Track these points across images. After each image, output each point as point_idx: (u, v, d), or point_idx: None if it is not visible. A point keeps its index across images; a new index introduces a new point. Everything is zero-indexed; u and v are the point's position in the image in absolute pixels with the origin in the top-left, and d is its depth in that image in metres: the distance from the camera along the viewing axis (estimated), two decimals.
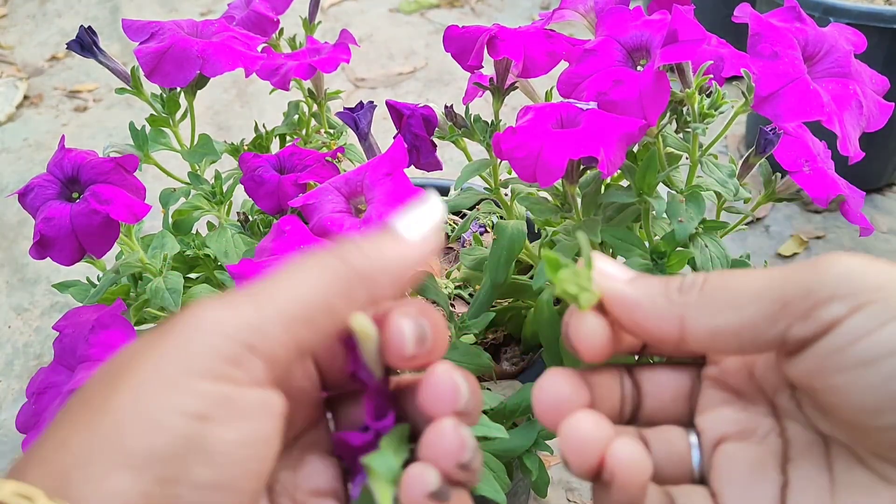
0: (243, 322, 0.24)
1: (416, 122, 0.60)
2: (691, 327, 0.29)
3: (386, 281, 0.28)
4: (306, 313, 0.26)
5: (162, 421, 0.23)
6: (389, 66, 1.81)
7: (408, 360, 0.28)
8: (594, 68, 0.56)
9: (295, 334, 0.25)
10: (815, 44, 0.56)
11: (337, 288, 0.26)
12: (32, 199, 0.60)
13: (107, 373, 0.25)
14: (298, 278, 0.26)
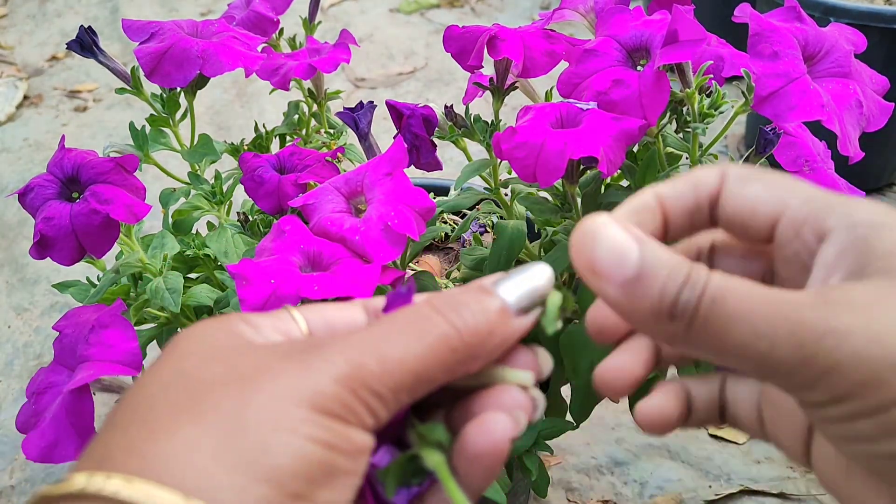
0: (364, 373, 0.26)
1: (416, 122, 0.60)
2: (694, 353, 0.28)
3: (486, 355, 0.29)
4: (413, 382, 0.27)
5: (303, 446, 0.24)
6: (389, 66, 1.81)
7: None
8: (594, 68, 0.56)
9: (397, 397, 0.27)
10: (815, 44, 0.56)
11: (444, 362, 0.27)
12: (32, 199, 0.60)
13: (225, 374, 0.26)
14: (412, 339, 0.27)
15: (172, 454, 0.23)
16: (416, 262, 0.83)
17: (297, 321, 0.31)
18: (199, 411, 0.25)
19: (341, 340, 0.27)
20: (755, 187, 0.30)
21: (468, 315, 0.28)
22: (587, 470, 0.93)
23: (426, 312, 0.28)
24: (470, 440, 0.28)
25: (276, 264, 0.50)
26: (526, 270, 0.30)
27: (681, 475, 0.92)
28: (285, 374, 0.25)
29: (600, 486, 0.91)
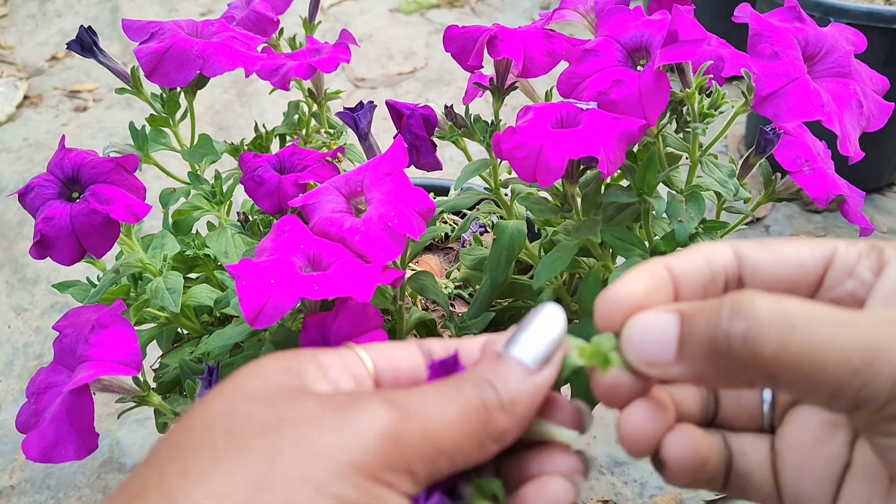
0: (408, 433, 0.26)
1: (416, 122, 0.60)
2: (762, 385, 0.28)
3: (520, 424, 0.29)
4: (447, 452, 0.27)
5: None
6: (389, 66, 1.81)
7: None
8: (594, 68, 0.56)
9: (432, 466, 0.27)
10: (815, 44, 0.56)
11: (475, 435, 0.27)
12: (32, 198, 0.60)
13: (269, 419, 0.26)
14: (448, 409, 0.27)
15: (202, 498, 0.24)
16: (416, 262, 0.83)
17: (363, 360, 0.31)
18: (236, 456, 0.25)
19: (392, 398, 0.27)
20: (790, 248, 0.31)
21: (489, 391, 0.28)
22: None
23: (463, 385, 0.28)
24: (531, 500, 0.29)
25: (275, 264, 0.50)
26: (535, 319, 0.30)
27: None
28: (328, 427, 0.25)
29: (600, 485, 0.91)
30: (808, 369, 0.25)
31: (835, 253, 0.30)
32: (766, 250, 0.31)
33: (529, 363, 0.29)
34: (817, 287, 0.30)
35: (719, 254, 0.31)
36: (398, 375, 0.32)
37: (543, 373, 0.29)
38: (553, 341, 0.30)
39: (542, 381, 0.29)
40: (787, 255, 0.30)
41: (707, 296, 0.31)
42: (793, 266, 0.30)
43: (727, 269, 0.31)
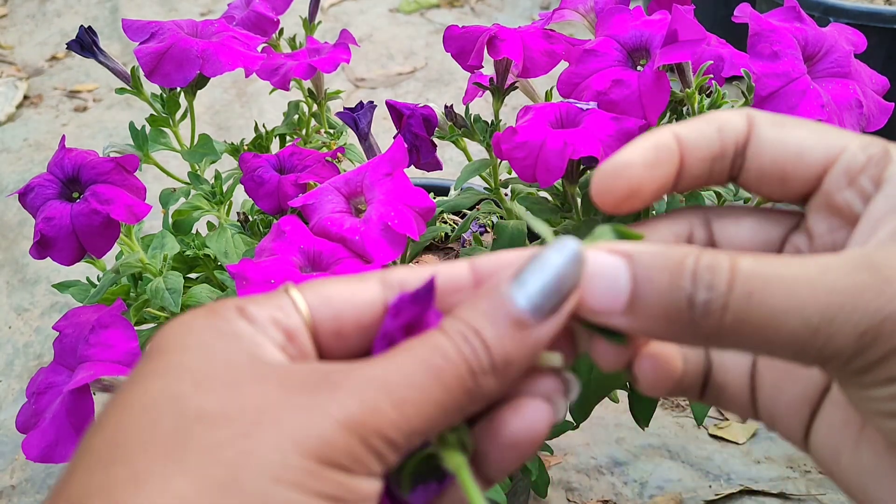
0: (378, 419, 0.23)
1: (416, 122, 0.60)
2: (719, 348, 0.26)
3: (502, 387, 0.25)
4: (429, 427, 0.24)
5: (306, 502, 0.22)
6: (389, 66, 1.81)
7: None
8: (594, 68, 0.56)
9: (409, 442, 0.24)
10: (815, 44, 0.56)
11: (456, 405, 0.24)
12: (33, 198, 0.60)
13: (224, 408, 0.23)
14: (429, 380, 0.24)
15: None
16: (416, 262, 0.83)
17: (298, 308, 0.27)
18: (193, 455, 0.22)
19: (355, 376, 0.24)
20: (799, 132, 0.27)
21: (478, 348, 0.24)
22: (587, 470, 0.93)
23: (443, 345, 0.24)
24: (507, 427, 0.25)
25: (276, 264, 0.50)
26: (551, 256, 0.25)
27: (681, 475, 0.92)
28: (290, 417, 0.23)
29: (600, 486, 0.91)
30: (769, 334, 0.23)
31: (842, 151, 0.26)
32: (777, 129, 0.27)
33: (533, 312, 0.25)
34: (815, 186, 0.27)
35: (733, 123, 0.28)
36: (341, 322, 0.27)
37: (547, 326, 0.25)
38: (567, 287, 0.25)
39: (543, 338, 0.25)
40: (793, 141, 0.27)
41: (713, 172, 0.28)
42: (792, 154, 0.27)
43: (738, 141, 0.28)
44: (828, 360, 0.24)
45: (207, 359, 0.24)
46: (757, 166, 0.28)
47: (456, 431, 0.26)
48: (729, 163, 0.28)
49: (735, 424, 0.97)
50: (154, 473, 0.21)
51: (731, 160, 0.28)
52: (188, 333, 0.25)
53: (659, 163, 0.27)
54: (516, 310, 0.24)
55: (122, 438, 0.22)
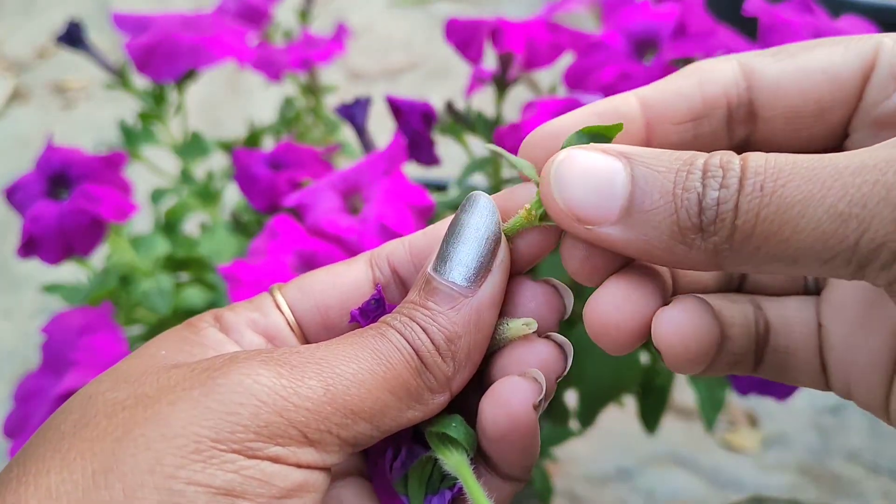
0: (301, 403, 0.21)
1: (414, 117, 0.58)
2: (732, 269, 0.21)
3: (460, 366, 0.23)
4: (366, 415, 0.22)
5: (183, 493, 0.19)
6: (388, 59, 1.80)
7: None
8: (600, 61, 0.54)
9: (353, 428, 0.21)
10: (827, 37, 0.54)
11: (405, 389, 0.22)
12: (19, 198, 0.59)
13: (124, 399, 0.21)
14: (362, 363, 0.22)
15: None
16: None
17: (279, 305, 0.26)
18: (75, 449, 0.20)
19: (280, 352, 0.22)
20: (816, 52, 0.23)
21: (418, 332, 0.23)
22: (593, 479, 0.92)
23: (383, 330, 0.23)
24: (487, 419, 0.23)
25: (268, 265, 0.49)
26: (462, 220, 0.23)
27: (690, 484, 0.91)
28: (187, 395, 0.20)
29: (606, 495, 0.90)
30: (787, 235, 0.19)
31: (877, 52, 0.23)
32: (786, 60, 0.23)
33: (461, 281, 0.23)
34: (856, 104, 0.23)
35: (720, 72, 0.24)
36: (325, 312, 0.26)
37: (484, 289, 0.23)
38: (487, 242, 0.23)
39: (485, 301, 0.23)
40: (815, 64, 0.23)
41: (700, 136, 0.24)
42: (821, 79, 0.23)
43: (729, 94, 0.23)
44: (866, 262, 0.19)
45: (137, 361, 0.23)
46: (780, 109, 0.23)
47: (447, 425, 0.24)
48: (723, 121, 0.24)
49: (745, 431, 0.96)
50: (36, 470, 0.20)
51: (725, 117, 0.24)
52: (148, 345, 0.24)
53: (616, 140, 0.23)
54: (442, 285, 0.23)
55: (32, 441, 0.21)
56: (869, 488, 0.87)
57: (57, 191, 0.58)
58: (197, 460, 0.19)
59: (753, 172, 0.19)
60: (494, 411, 0.23)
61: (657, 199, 0.20)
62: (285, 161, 0.64)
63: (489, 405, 0.23)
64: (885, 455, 0.90)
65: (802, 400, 0.95)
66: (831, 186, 0.18)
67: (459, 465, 0.24)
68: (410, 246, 0.26)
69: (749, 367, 0.26)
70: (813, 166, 0.19)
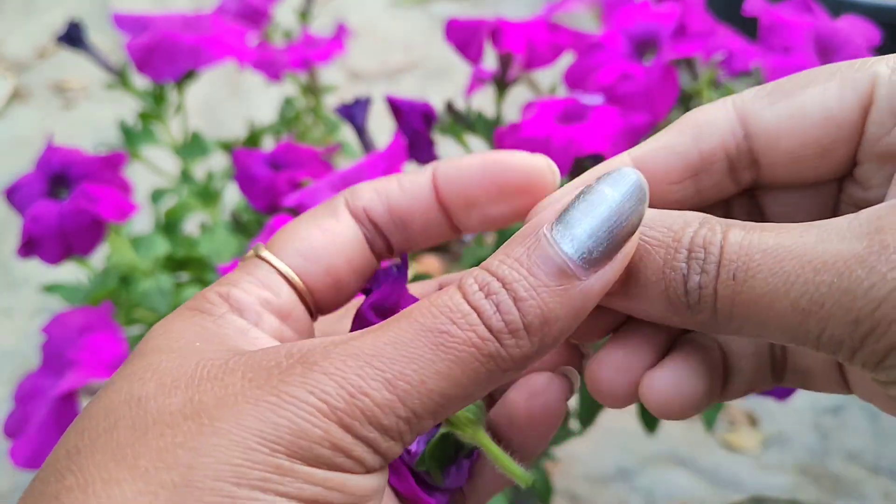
0: (367, 403, 0.20)
1: (414, 117, 0.58)
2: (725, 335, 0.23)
3: (542, 350, 0.21)
4: (439, 406, 0.20)
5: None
6: (388, 59, 1.80)
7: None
8: (600, 61, 0.54)
9: (415, 428, 0.20)
10: (827, 37, 0.54)
11: (474, 378, 0.20)
12: (19, 198, 0.59)
13: (183, 405, 0.20)
14: (429, 351, 0.20)
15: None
16: (415, 262, 0.81)
17: (288, 278, 0.25)
18: (144, 459, 0.19)
19: (337, 352, 0.20)
20: (813, 93, 0.22)
21: (506, 299, 0.20)
22: (592, 478, 0.92)
23: (454, 304, 0.20)
24: (521, 409, 0.24)
25: None
26: (603, 190, 0.21)
27: (690, 483, 0.91)
28: (255, 408, 0.19)
29: (606, 494, 0.90)
30: (761, 320, 0.20)
31: (874, 85, 0.22)
32: (781, 102, 0.23)
33: (582, 260, 0.20)
34: (858, 141, 0.23)
35: (714, 124, 0.23)
36: (335, 273, 0.25)
37: (600, 276, 0.20)
38: (627, 229, 0.21)
39: (595, 291, 0.20)
40: (811, 105, 0.22)
41: (703, 190, 0.24)
42: (819, 121, 0.22)
43: (727, 145, 0.23)
44: (834, 350, 0.19)
45: (179, 360, 0.22)
46: (780, 154, 0.23)
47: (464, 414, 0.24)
48: (724, 172, 0.24)
49: (745, 431, 0.96)
50: (103, 480, 0.19)
51: (727, 168, 0.24)
52: (167, 334, 0.23)
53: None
54: (560, 257, 0.20)
55: (80, 445, 0.20)
56: (869, 489, 0.87)
57: (57, 191, 0.58)
58: (281, 473, 0.19)
59: (728, 259, 0.20)
60: (531, 403, 0.24)
61: (650, 275, 0.21)
62: (285, 161, 0.64)
63: (524, 397, 0.24)
64: (885, 456, 0.90)
65: (802, 400, 0.95)
66: (794, 282, 0.19)
67: (477, 434, 0.24)
68: (388, 202, 0.25)
69: (767, 386, 0.26)
70: (781, 256, 0.19)
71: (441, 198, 0.25)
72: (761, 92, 0.23)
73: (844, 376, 0.25)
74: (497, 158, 0.24)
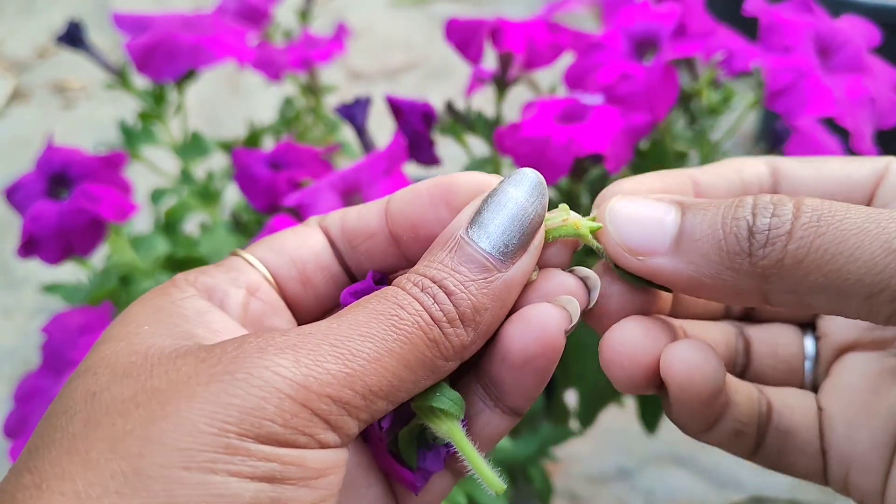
0: (322, 379, 0.20)
1: (414, 117, 0.58)
2: (778, 298, 0.22)
3: (480, 338, 0.23)
4: (391, 386, 0.21)
5: (227, 485, 0.19)
6: (388, 59, 1.80)
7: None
8: (600, 61, 0.54)
9: (371, 406, 0.21)
10: (827, 37, 0.54)
11: (421, 363, 0.22)
12: (19, 198, 0.59)
13: (135, 394, 0.20)
14: (383, 331, 0.21)
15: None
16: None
17: (254, 266, 0.26)
18: (95, 451, 0.19)
19: (292, 333, 0.21)
20: (835, 163, 0.26)
21: (440, 299, 0.22)
22: (593, 478, 0.92)
23: (399, 296, 0.22)
24: (515, 343, 0.23)
25: None
26: (507, 190, 0.23)
27: (690, 483, 0.91)
28: (205, 390, 0.20)
29: (606, 495, 0.90)
30: (840, 263, 0.20)
31: (887, 168, 0.26)
32: (807, 164, 0.27)
33: (496, 253, 0.23)
34: (867, 205, 0.25)
35: (752, 167, 0.27)
36: (302, 268, 0.26)
37: (518, 266, 0.23)
38: (533, 221, 0.23)
39: (516, 279, 0.23)
40: (833, 171, 0.26)
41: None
42: (839, 182, 0.26)
43: (761, 184, 0.27)
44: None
45: (131, 348, 0.22)
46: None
47: (438, 395, 0.24)
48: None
49: None
50: (56, 476, 0.19)
51: None
52: (123, 321, 0.23)
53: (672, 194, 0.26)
54: (480, 253, 0.22)
55: (38, 444, 0.20)
56: None
57: (57, 191, 0.58)
58: (231, 453, 0.19)
59: (811, 208, 0.21)
60: (524, 335, 0.23)
61: (706, 229, 0.22)
62: (285, 161, 0.64)
63: (518, 330, 0.23)
64: None
65: None
66: (887, 227, 0.20)
67: (451, 430, 0.23)
68: (343, 223, 0.27)
69: (751, 441, 0.27)
70: (868, 210, 0.21)
71: (391, 224, 0.26)
72: (793, 158, 0.27)
73: (824, 446, 0.27)
74: (442, 180, 0.26)
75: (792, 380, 0.29)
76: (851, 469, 0.26)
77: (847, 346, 0.28)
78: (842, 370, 0.27)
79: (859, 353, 0.27)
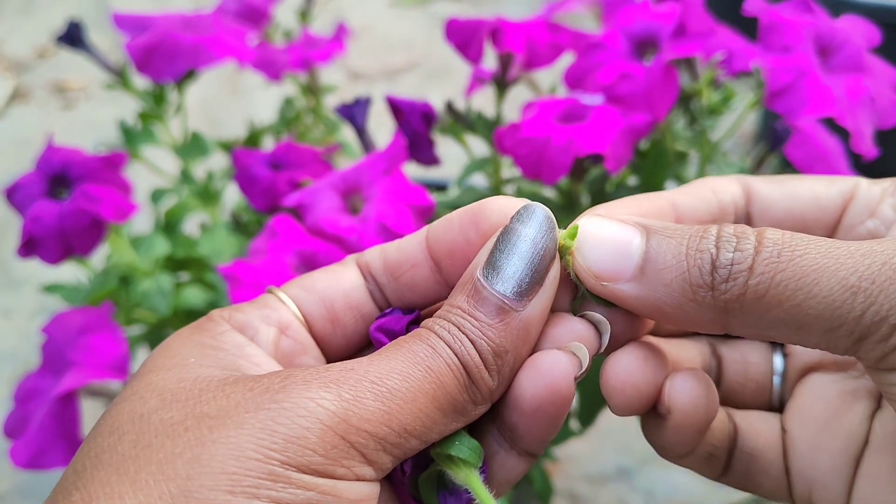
0: (361, 413, 0.21)
1: (414, 117, 0.58)
2: (739, 330, 0.23)
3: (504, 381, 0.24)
4: (426, 424, 0.22)
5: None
6: (388, 59, 1.80)
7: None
8: (600, 61, 0.54)
9: (404, 444, 0.22)
10: (827, 37, 0.54)
11: (451, 404, 0.23)
12: (19, 198, 0.59)
13: (183, 418, 0.21)
14: (411, 381, 0.22)
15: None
16: None
17: (287, 304, 0.26)
18: (144, 472, 0.20)
19: (334, 369, 0.22)
20: (805, 183, 0.27)
21: (466, 344, 0.23)
22: (592, 478, 0.92)
23: (429, 338, 0.23)
24: (525, 390, 0.23)
25: (269, 265, 0.49)
26: (517, 229, 0.23)
27: (689, 483, 0.91)
28: (253, 418, 0.20)
29: (606, 494, 0.90)
30: (800, 299, 0.21)
31: (856, 189, 0.27)
32: (778, 186, 0.27)
33: (512, 294, 0.23)
34: (835, 226, 0.27)
35: (726, 187, 0.27)
36: (331, 307, 0.27)
37: (534, 304, 0.23)
38: (546, 257, 0.23)
39: (534, 317, 0.23)
40: (802, 191, 0.27)
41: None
42: (808, 202, 0.27)
43: (736, 204, 0.27)
44: (867, 334, 0.21)
45: (178, 376, 0.23)
46: (769, 222, 0.27)
47: (457, 443, 0.24)
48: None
49: None
50: (106, 495, 0.20)
51: (732, 222, 0.27)
52: (164, 354, 0.24)
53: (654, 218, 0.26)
54: (495, 296, 0.23)
55: (86, 464, 0.21)
56: None
57: (57, 191, 0.58)
58: (274, 480, 0.20)
59: (771, 242, 0.22)
60: (534, 384, 0.23)
61: (670, 259, 0.23)
62: (285, 161, 0.64)
63: (528, 378, 0.24)
64: None
65: None
66: (844, 262, 0.21)
67: (469, 478, 0.24)
68: (384, 257, 0.27)
69: (721, 464, 0.28)
70: (827, 244, 0.21)
71: (431, 252, 0.26)
72: (764, 178, 0.28)
73: (787, 466, 0.27)
74: (472, 207, 0.26)
75: (760, 398, 0.30)
76: (814, 490, 0.27)
77: (811, 366, 0.28)
78: (805, 392, 0.28)
79: (822, 374, 0.28)
